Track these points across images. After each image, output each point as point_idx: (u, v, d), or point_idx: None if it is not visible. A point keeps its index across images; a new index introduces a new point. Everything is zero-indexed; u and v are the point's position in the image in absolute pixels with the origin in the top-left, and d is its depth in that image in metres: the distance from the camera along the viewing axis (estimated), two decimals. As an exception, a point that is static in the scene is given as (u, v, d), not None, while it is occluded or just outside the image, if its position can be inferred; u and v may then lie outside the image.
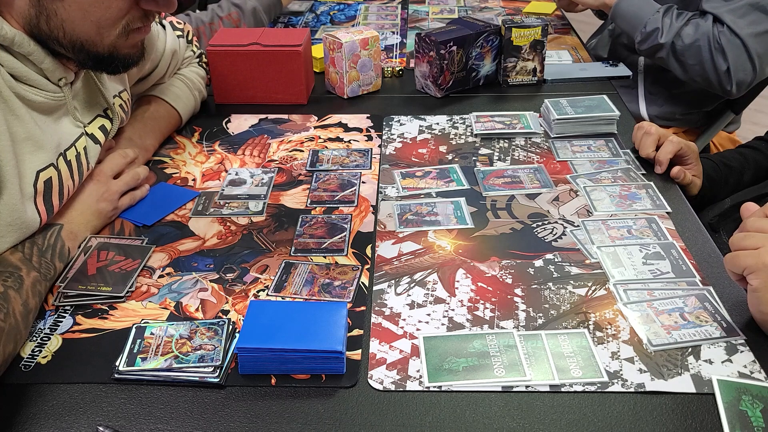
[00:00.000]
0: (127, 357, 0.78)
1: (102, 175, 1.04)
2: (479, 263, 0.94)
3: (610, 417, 0.71)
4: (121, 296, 0.88)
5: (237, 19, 1.69)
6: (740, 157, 1.31)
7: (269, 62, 1.38)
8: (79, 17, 0.88)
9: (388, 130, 1.33)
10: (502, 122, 1.32)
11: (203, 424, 0.71)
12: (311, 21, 1.94)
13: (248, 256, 0.96)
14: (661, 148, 1.15)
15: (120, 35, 0.93)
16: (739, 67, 1.57)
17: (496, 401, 0.73)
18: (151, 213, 1.06)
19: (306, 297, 0.88)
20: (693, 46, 1.59)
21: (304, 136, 1.31)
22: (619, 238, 0.98)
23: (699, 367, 0.76)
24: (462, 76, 1.46)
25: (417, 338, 0.81)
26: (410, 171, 1.18)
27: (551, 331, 0.82)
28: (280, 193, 1.12)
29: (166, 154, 1.24)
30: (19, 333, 0.78)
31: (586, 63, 1.66)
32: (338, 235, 1.00)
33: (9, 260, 0.85)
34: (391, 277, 0.92)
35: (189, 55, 1.37)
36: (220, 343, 0.79)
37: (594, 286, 0.90)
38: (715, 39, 1.56)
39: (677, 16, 1.62)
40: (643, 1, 1.69)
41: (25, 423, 0.71)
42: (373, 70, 1.47)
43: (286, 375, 0.76)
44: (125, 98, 1.15)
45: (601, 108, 1.28)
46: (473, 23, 1.46)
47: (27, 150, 0.88)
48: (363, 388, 0.75)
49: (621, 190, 1.09)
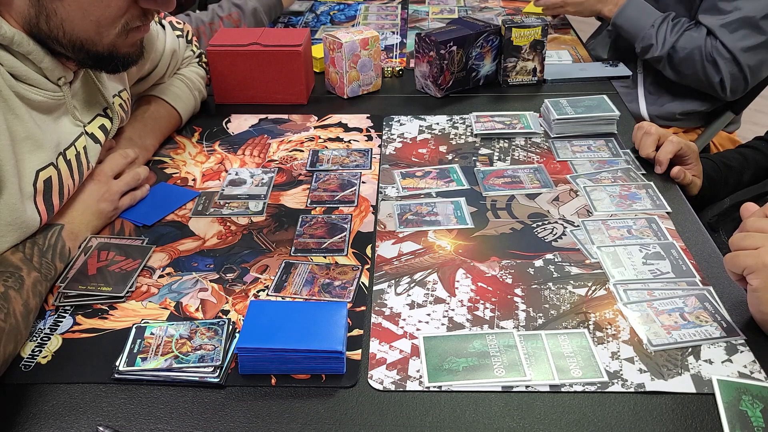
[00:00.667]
0: (127, 357, 0.78)
1: (102, 175, 1.04)
2: (479, 263, 0.94)
3: (610, 417, 0.71)
4: (121, 296, 0.88)
5: (237, 20, 1.69)
6: (740, 157, 1.31)
7: (269, 62, 1.38)
8: (79, 16, 0.88)
9: (388, 130, 1.33)
10: (502, 122, 1.32)
11: (203, 424, 0.71)
12: (311, 21, 1.94)
13: (248, 256, 0.97)
14: (661, 148, 1.15)
15: (119, 34, 0.93)
16: (732, 79, 1.64)
17: (496, 401, 0.73)
18: (151, 213, 1.06)
19: (306, 297, 0.88)
20: (687, 59, 1.66)
21: (304, 136, 1.31)
22: (619, 238, 0.98)
23: (699, 367, 0.76)
24: (462, 76, 1.46)
25: (417, 338, 0.81)
26: (410, 171, 1.18)
27: (551, 331, 0.82)
28: (280, 193, 1.12)
29: (166, 154, 1.24)
30: (20, 333, 0.78)
31: (586, 63, 1.66)
32: (338, 235, 1.00)
33: (10, 260, 0.85)
34: (391, 277, 0.92)
35: (189, 55, 1.37)
36: (220, 343, 0.79)
37: (594, 286, 0.90)
38: (708, 52, 1.63)
39: (672, 28, 1.68)
40: (640, 14, 1.75)
41: (25, 423, 0.71)
42: (373, 70, 1.47)
43: (286, 375, 0.76)
44: (125, 98, 1.15)
45: (601, 108, 1.28)
46: (473, 23, 1.46)
47: (26, 149, 0.88)
48: (363, 388, 0.75)
49: (621, 190, 1.09)
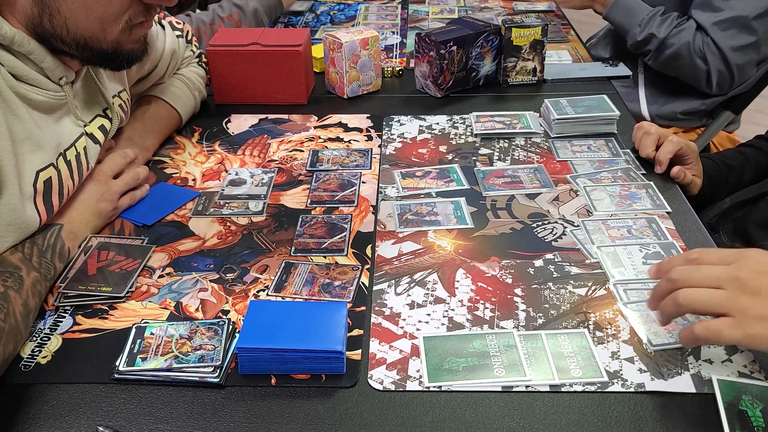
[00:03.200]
0: (127, 357, 0.78)
1: (102, 175, 1.04)
2: (479, 263, 0.94)
3: (610, 417, 0.71)
4: (121, 296, 0.88)
5: (238, 20, 1.69)
6: (740, 156, 1.31)
7: (269, 62, 1.38)
8: (82, 14, 0.88)
9: (388, 130, 1.33)
10: (502, 122, 1.32)
11: (203, 424, 0.71)
12: (311, 21, 1.94)
13: (248, 256, 0.96)
14: (661, 148, 1.15)
15: (123, 30, 0.93)
16: (719, 75, 1.67)
17: (496, 401, 0.73)
18: (151, 213, 1.06)
19: (306, 297, 0.88)
20: (676, 54, 1.69)
21: (304, 136, 1.31)
22: (619, 238, 0.98)
23: (699, 367, 0.76)
24: (462, 76, 1.46)
25: (417, 338, 0.81)
26: (410, 171, 1.18)
27: (551, 331, 0.82)
28: (280, 193, 1.12)
29: (166, 154, 1.24)
30: (19, 333, 0.78)
31: (586, 63, 1.66)
32: (338, 235, 1.00)
33: (9, 260, 0.85)
34: (391, 277, 0.92)
35: (188, 55, 1.37)
36: (220, 343, 0.79)
37: (594, 286, 0.90)
38: (698, 47, 1.66)
39: (662, 23, 1.70)
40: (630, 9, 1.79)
41: (25, 423, 0.71)
42: (373, 70, 1.47)
43: (286, 375, 0.76)
44: (125, 98, 1.15)
45: (601, 108, 1.28)
46: (473, 23, 1.46)
47: (27, 150, 0.88)
48: (363, 388, 0.75)
49: (621, 190, 1.09)
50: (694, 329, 0.71)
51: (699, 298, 0.71)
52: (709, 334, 0.70)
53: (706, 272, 0.72)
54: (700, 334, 0.71)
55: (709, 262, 0.74)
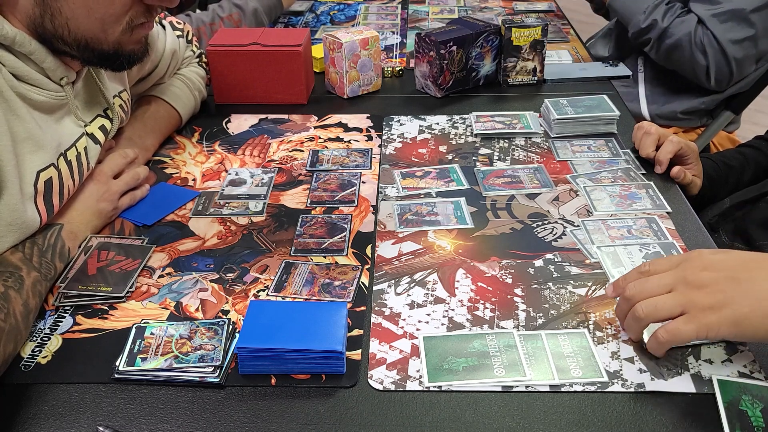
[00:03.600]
0: (127, 357, 0.78)
1: (102, 175, 1.04)
2: (479, 263, 0.94)
3: (610, 417, 0.71)
4: (121, 296, 0.88)
5: (238, 20, 1.69)
6: (740, 156, 1.31)
7: (269, 62, 1.38)
8: (83, 14, 0.88)
9: (388, 130, 1.33)
10: (502, 122, 1.32)
11: (203, 424, 0.71)
12: (311, 21, 1.94)
13: (248, 256, 0.97)
14: (661, 148, 1.15)
15: (124, 31, 0.93)
16: (717, 69, 1.67)
17: (496, 401, 0.73)
18: (151, 213, 1.06)
19: (306, 297, 0.88)
20: (677, 45, 1.69)
21: (304, 136, 1.31)
22: (619, 238, 0.98)
23: (699, 367, 0.76)
24: (462, 76, 1.46)
25: (417, 338, 0.81)
26: (410, 171, 1.18)
27: (551, 331, 0.82)
28: (280, 193, 1.12)
29: (166, 154, 1.24)
30: (20, 333, 0.78)
31: (586, 63, 1.66)
32: (338, 235, 1.00)
33: (9, 260, 0.85)
34: (391, 277, 0.92)
35: (189, 55, 1.37)
36: (220, 343, 0.79)
37: (594, 286, 0.90)
38: (698, 40, 1.66)
39: (665, 13, 1.70)
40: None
41: (25, 423, 0.71)
42: (373, 70, 1.47)
43: (286, 375, 0.76)
44: (125, 98, 1.15)
45: (601, 108, 1.28)
46: (473, 23, 1.46)
47: (27, 150, 0.88)
48: (363, 388, 0.75)
49: (621, 190, 1.09)
50: (657, 335, 0.75)
51: (654, 307, 0.75)
52: (669, 335, 0.74)
53: (655, 281, 0.76)
54: (662, 337, 0.74)
55: (659, 271, 0.78)
